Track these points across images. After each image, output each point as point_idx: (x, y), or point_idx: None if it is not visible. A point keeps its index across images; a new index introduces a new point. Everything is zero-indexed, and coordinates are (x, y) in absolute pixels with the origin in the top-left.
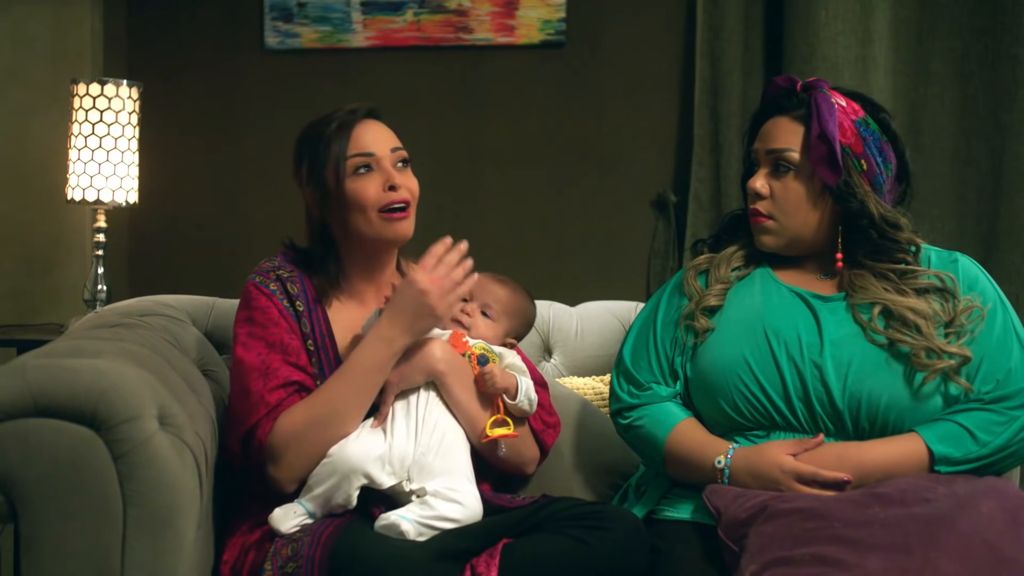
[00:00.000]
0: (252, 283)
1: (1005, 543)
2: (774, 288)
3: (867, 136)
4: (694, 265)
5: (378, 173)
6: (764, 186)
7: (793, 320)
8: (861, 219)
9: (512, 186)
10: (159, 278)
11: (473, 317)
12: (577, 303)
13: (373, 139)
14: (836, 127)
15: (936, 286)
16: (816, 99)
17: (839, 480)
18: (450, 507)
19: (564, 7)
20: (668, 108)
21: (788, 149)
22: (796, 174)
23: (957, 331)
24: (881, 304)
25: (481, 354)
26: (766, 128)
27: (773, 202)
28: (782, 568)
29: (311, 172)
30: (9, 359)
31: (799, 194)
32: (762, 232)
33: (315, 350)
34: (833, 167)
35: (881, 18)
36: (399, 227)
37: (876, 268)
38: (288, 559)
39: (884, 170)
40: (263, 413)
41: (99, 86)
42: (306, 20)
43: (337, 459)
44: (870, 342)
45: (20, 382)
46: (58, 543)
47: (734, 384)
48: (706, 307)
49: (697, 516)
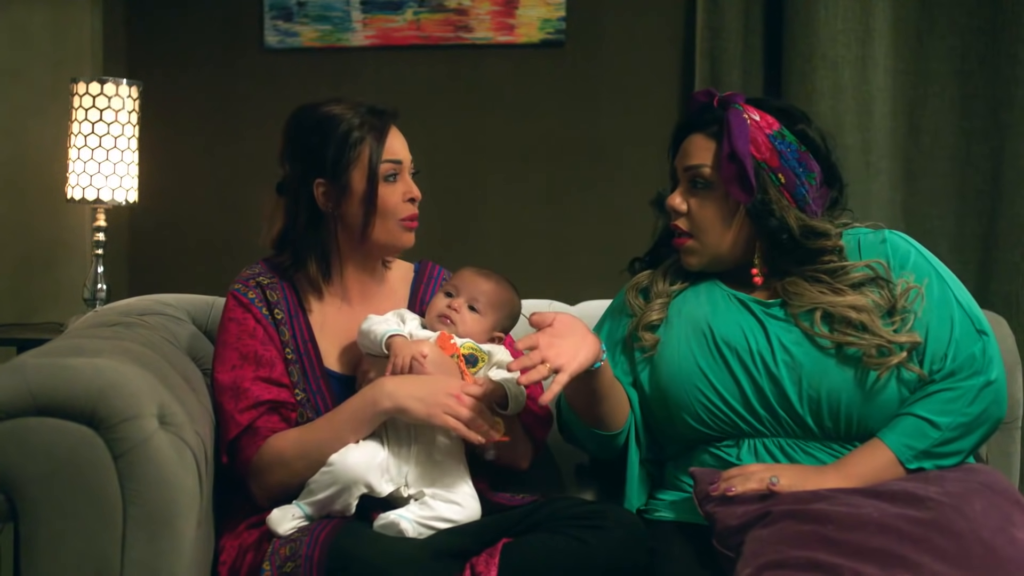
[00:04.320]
0: (231, 292)
1: (1000, 542)
2: (719, 294)
3: (783, 149)
4: (633, 284)
5: (401, 183)
6: (682, 203)
7: (740, 327)
8: (781, 234)
9: (511, 185)
10: (159, 277)
11: (460, 312)
12: (577, 302)
13: (400, 145)
14: (748, 144)
15: (869, 276)
16: (728, 116)
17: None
18: (449, 508)
19: (564, 6)
20: (668, 107)
21: (702, 165)
22: (711, 191)
23: (902, 316)
24: (820, 308)
25: (469, 354)
26: (684, 145)
27: (691, 220)
28: (776, 571)
29: (333, 164)
30: (9, 358)
31: (714, 211)
32: (684, 253)
33: (295, 358)
34: (745, 186)
35: (881, 17)
36: (409, 237)
37: (806, 272)
38: (286, 559)
39: (806, 180)
40: (235, 433)
41: (99, 85)
42: (306, 19)
43: (338, 469)
44: (817, 347)
45: (20, 381)
46: (58, 542)
47: (694, 396)
48: (648, 323)
49: (690, 517)
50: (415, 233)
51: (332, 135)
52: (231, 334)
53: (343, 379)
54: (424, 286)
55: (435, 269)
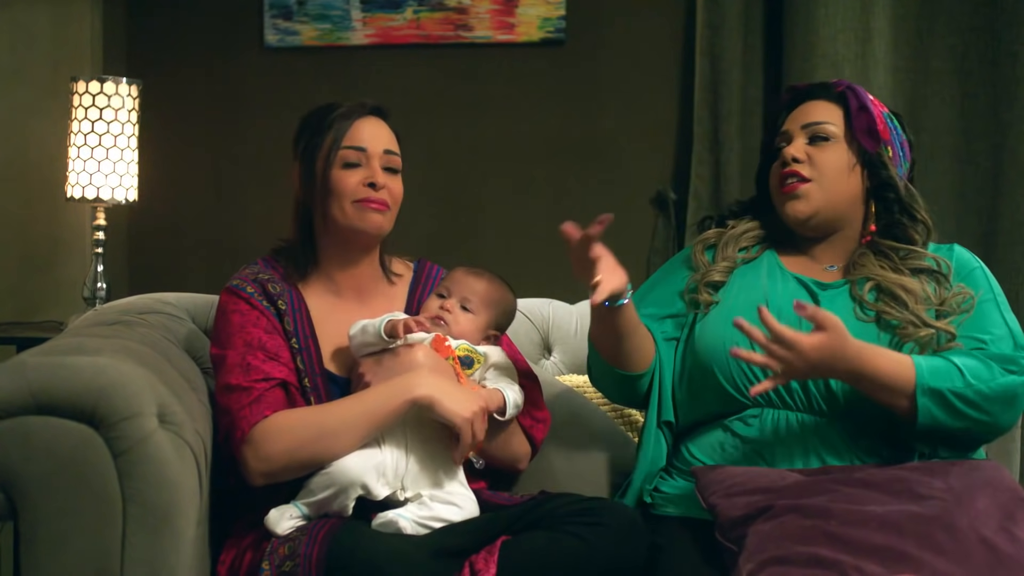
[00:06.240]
0: (229, 288)
1: (1002, 540)
2: (779, 274)
3: (892, 128)
4: (702, 239)
5: (364, 169)
6: (801, 151)
7: (793, 300)
8: (888, 191)
9: (511, 183)
10: (159, 276)
11: (453, 313)
12: (577, 301)
13: (370, 135)
14: (873, 106)
15: (932, 269)
16: (850, 86)
17: None
18: (447, 509)
19: (564, 5)
20: (668, 106)
21: (827, 122)
22: (831, 144)
23: (945, 313)
24: (875, 280)
25: (465, 355)
26: (800, 110)
27: (812, 166)
28: (779, 567)
29: (305, 152)
30: (9, 357)
31: (838, 160)
32: (795, 199)
33: (299, 348)
34: (873, 136)
35: (881, 15)
36: (372, 218)
37: (880, 245)
38: (285, 558)
39: (902, 163)
40: (245, 402)
41: (99, 84)
42: (306, 18)
43: (335, 471)
44: (861, 321)
45: (20, 380)
46: (58, 541)
47: (733, 357)
48: (710, 282)
49: (693, 512)
50: (416, 225)
51: (311, 126)
52: (234, 325)
53: (339, 380)
54: (422, 286)
55: (434, 268)
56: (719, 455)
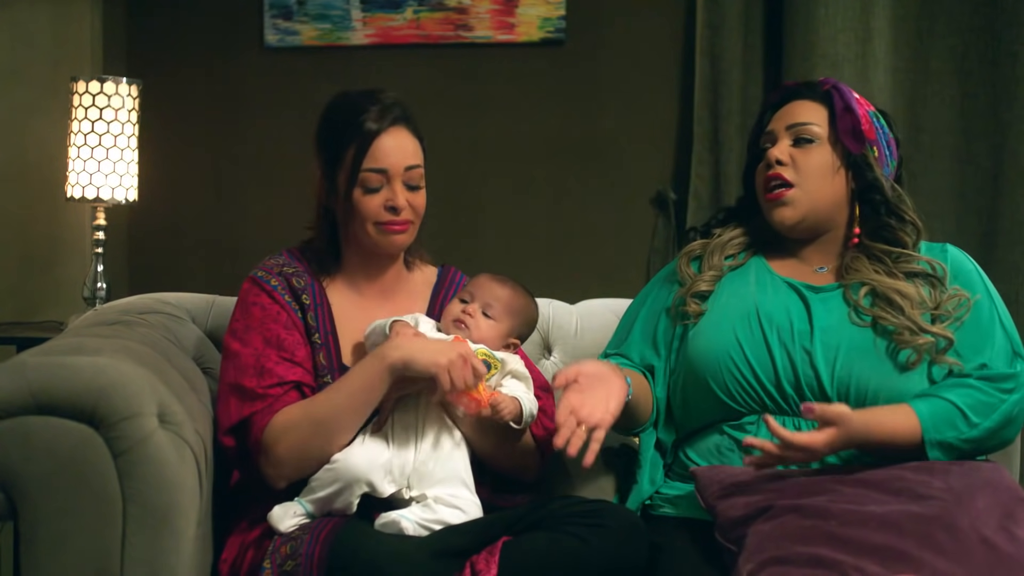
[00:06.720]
0: (252, 278)
1: (1002, 540)
2: (768, 278)
3: (878, 127)
4: (687, 252)
5: (386, 191)
6: (784, 153)
7: (785, 308)
8: (874, 192)
9: (511, 184)
10: (159, 276)
11: (475, 318)
12: (577, 301)
13: (392, 151)
14: (858, 106)
15: (926, 272)
16: (836, 86)
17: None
18: (451, 512)
19: (564, 5)
20: (668, 106)
21: (811, 123)
22: (815, 146)
23: (942, 317)
24: (870, 285)
25: (483, 360)
26: (785, 110)
27: (795, 169)
28: (779, 567)
29: (326, 162)
30: (9, 357)
31: (819, 162)
32: (780, 205)
33: (321, 344)
34: (858, 137)
35: (881, 15)
36: (393, 240)
37: (872, 249)
38: (287, 557)
39: (889, 163)
40: (258, 408)
41: (99, 84)
42: (306, 18)
43: (341, 467)
44: (856, 326)
45: (20, 380)
46: (58, 540)
47: (726, 365)
48: (697, 292)
49: (693, 512)
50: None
51: (336, 130)
52: (255, 318)
53: None
54: (445, 291)
55: (457, 274)
56: (716, 459)
